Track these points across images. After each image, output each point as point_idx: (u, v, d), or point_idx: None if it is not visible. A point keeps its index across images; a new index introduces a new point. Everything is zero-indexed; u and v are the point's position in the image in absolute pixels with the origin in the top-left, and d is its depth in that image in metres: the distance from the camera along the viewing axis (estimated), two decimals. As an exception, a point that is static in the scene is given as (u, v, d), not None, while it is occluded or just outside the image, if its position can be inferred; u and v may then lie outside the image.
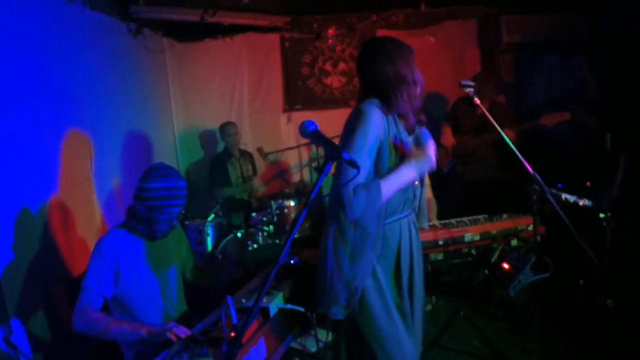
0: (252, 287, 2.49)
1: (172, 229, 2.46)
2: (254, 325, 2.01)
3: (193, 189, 5.98)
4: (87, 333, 2.24)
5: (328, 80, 6.07)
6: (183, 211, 2.38)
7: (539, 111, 4.75)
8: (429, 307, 3.84)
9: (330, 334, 3.22)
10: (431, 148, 2.11)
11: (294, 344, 2.67)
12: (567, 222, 2.31)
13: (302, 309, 2.19)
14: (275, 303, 2.18)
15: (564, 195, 3.77)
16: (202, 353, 1.77)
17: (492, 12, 5.62)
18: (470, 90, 2.42)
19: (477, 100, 2.46)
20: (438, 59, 5.72)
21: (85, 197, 3.78)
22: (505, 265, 2.41)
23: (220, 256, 4.46)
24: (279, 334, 2.19)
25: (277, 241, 4.62)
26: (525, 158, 2.40)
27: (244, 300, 2.20)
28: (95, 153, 3.91)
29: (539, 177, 2.36)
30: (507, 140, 2.43)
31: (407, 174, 2.07)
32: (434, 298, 3.79)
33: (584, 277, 3.38)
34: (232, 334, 1.89)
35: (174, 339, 2.03)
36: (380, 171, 2.07)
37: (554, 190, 3.77)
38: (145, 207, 2.34)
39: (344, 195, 1.94)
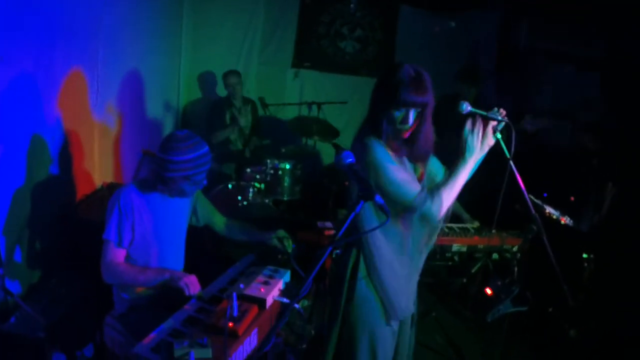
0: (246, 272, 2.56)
1: (202, 187, 2.51)
2: (250, 317, 2.11)
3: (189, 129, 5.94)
4: (116, 283, 2.49)
5: (342, 44, 6.00)
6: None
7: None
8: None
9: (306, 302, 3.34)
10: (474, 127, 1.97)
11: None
12: (554, 263, 2.40)
13: (288, 301, 2.28)
14: (272, 295, 2.28)
15: (548, 209, 3.89)
16: (202, 342, 1.86)
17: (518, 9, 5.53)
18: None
19: None
20: (455, 45, 5.69)
21: (86, 129, 3.78)
22: (488, 291, 2.55)
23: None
24: (270, 323, 2.30)
25: (267, 201, 4.67)
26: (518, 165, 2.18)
27: (242, 286, 2.30)
28: (100, 85, 3.86)
29: (538, 219, 2.40)
30: (514, 168, 2.41)
31: (465, 171, 1.98)
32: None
33: (554, 305, 3.56)
34: (231, 325, 2.02)
35: (186, 292, 2.26)
36: None
37: (538, 202, 3.86)
38: (174, 177, 2.36)
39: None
